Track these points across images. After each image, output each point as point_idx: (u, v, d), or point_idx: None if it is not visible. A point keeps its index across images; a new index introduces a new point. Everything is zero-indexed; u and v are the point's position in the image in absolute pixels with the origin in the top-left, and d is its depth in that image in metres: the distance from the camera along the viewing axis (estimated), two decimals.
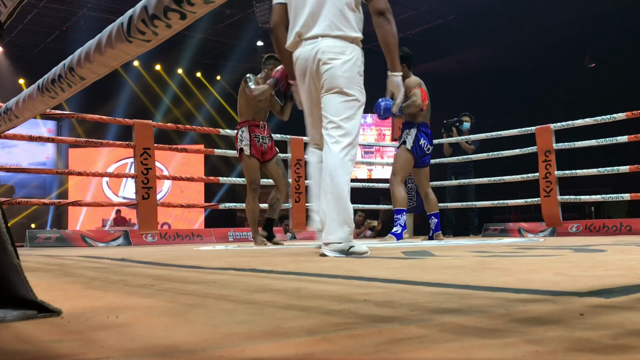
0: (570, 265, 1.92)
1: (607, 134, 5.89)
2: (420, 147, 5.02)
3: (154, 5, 0.97)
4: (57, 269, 2.22)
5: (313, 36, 2.80)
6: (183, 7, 0.93)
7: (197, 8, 0.94)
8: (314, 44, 2.80)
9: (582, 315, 0.84)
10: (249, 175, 4.76)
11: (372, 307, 1.00)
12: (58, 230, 6.83)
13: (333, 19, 2.78)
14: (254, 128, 4.77)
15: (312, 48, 2.80)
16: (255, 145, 4.73)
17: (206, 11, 0.98)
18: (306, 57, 2.83)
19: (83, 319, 0.92)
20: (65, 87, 1.36)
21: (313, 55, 2.80)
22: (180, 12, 0.95)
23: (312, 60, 2.81)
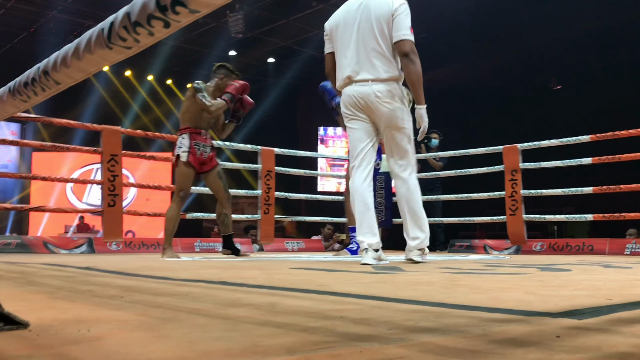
0: (538, 284, 1.94)
1: (570, 155, 6.04)
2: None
3: (137, 12, 0.96)
4: (19, 277, 2.15)
5: (365, 79, 3.26)
6: (168, 15, 0.92)
7: (182, 17, 0.92)
8: (368, 85, 3.26)
9: (559, 337, 0.85)
10: (181, 183, 4.49)
11: (349, 325, 0.99)
12: (19, 236, 6.64)
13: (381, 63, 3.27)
14: (196, 136, 4.52)
15: (367, 89, 3.26)
16: (194, 153, 4.48)
17: (191, 20, 0.97)
18: (359, 96, 3.27)
19: (52, 332, 0.89)
20: (38, 91, 1.33)
21: (369, 95, 3.25)
22: (164, 21, 0.94)
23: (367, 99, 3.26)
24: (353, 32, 3.27)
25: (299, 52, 12.66)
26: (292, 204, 12.60)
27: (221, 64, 4.77)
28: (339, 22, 3.36)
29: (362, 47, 3.24)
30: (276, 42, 12.23)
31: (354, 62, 3.25)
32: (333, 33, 3.38)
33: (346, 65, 3.28)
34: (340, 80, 3.33)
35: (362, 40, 3.24)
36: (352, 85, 3.27)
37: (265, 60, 13.38)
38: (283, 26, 11.35)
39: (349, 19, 3.32)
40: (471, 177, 6.87)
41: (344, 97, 3.33)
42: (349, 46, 3.27)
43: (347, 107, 3.31)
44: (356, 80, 3.25)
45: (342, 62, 3.30)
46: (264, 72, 13.76)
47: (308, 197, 7.47)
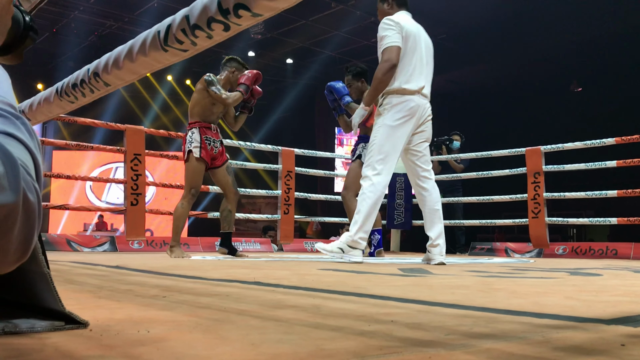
0: (575, 289, 1.92)
1: (592, 158, 5.98)
2: None
3: (197, 15, 0.96)
4: (56, 275, 2.16)
5: (427, 95, 3.68)
6: (229, 18, 0.92)
7: (244, 21, 0.93)
8: (426, 100, 3.68)
9: (624, 345, 0.84)
10: (191, 179, 4.37)
11: (404, 329, 0.99)
12: (43, 234, 6.72)
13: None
14: (206, 130, 4.44)
15: (426, 103, 3.67)
16: (206, 148, 4.40)
17: (251, 24, 0.97)
18: (423, 107, 3.63)
19: (113, 332, 0.89)
20: (87, 92, 1.34)
21: (427, 109, 3.67)
22: (225, 24, 0.94)
23: (425, 112, 3.66)
24: (422, 49, 3.62)
25: (318, 53, 12.67)
26: (308, 205, 12.61)
27: (232, 57, 4.71)
28: (414, 31, 3.60)
29: (428, 68, 3.67)
30: (295, 43, 12.25)
31: (425, 76, 3.62)
32: (409, 37, 3.56)
33: (421, 75, 3.58)
34: (413, 85, 3.55)
35: (428, 62, 3.67)
36: (419, 96, 3.58)
37: (284, 61, 13.40)
38: (302, 27, 11.36)
39: (418, 35, 3.62)
40: (490, 180, 6.83)
41: (410, 104, 3.54)
42: (422, 59, 3.60)
43: (408, 113, 3.54)
44: (423, 94, 3.61)
45: (416, 69, 3.56)
46: (282, 73, 13.79)
47: (329, 198, 7.47)
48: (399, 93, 3.54)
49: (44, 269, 0.89)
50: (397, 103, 3.53)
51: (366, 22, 10.58)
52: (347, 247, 3.48)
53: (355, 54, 12.32)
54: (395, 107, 3.53)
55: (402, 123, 3.52)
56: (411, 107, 3.54)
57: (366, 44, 11.51)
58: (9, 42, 0.92)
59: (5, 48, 0.93)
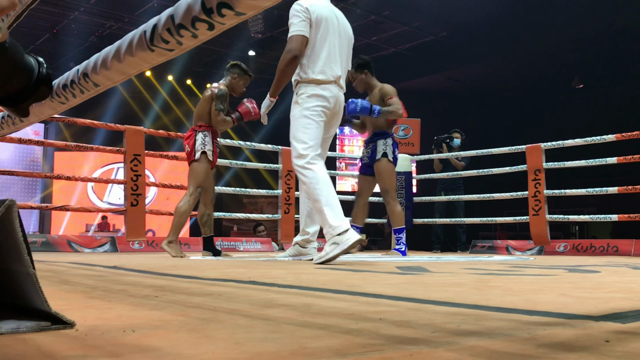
0: (570, 286, 1.92)
1: (593, 155, 5.96)
2: (396, 158, 4.86)
3: (181, 15, 0.96)
4: (52, 276, 2.18)
5: (342, 86, 3.58)
6: (213, 18, 0.92)
7: (227, 20, 0.93)
8: (341, 92, 3.59)
9: (608, 342, 0.84)
10: (202, 179, 4.53)
11: (391, 327, 0.99)
12: (44, 235, 6.73)
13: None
14: (215, 135, 4.66)
15: (341, 94, 3.59)
16: (216, 152, 4.63)
17: (235, 23, 0.97)
18: (339, 99, 3.56)
19: (99, 332, 0.89)
20: (77, 93, 1.34)
21: (341, 101, 3.61)
22: (209, 23, 0.94)
23: (340, 104, 3.60)
24: (336, 37, 3.47)
25: None
26: None
27: (235, 63, 4.80)
28: (327, 17, 3.43)
29: (343, 57, 3.55)
30: None
31: (339, 67, 3.49)
32: (319, 23, 3.40)
33: (334, 64, 3.45)
34: (327, 75, 3.42)
35: (342, 51, 3.54)
36: (335, 86, 3.48)
37: None
38: None
39: (331, 22, 3.46)
40: (491, 177, 6.82)
41: (325, 93, 3.43)
42: (335, 48, 3.45)
43: (326, 104, 3.45)
44: (339, 84, 3.52)
45: (330, 58, 3.42)
46: None
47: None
48: (314, 83, 3.41)
49: (29, 269, 0.89)
50: (313, 94, 3.41)
51: (367, 21, 10.57)
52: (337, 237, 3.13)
53: (355, 53, 12.30)
54: (312, 98, 3.41)
55: (319, 112, 3.41)
56: (327, 97, 3.44)
57: (367, 42, 11.50)
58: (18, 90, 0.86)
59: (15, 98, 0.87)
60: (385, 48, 11.81)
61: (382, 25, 10.91)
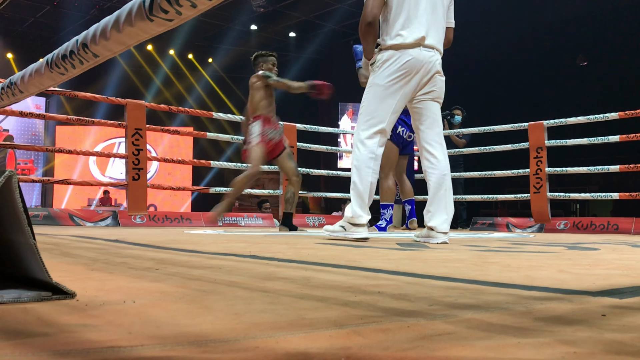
0: (569, 262, 1.93)
1: (595, 133, 5.94)
2: (399, 135, 4.93)
3: None
4: (53, 248, 2.19)
5: (432, 46, 3.14)
6: None
7: None
8: (433, 52, 3.14)
9: (604, 316, 0.85)
10: (254, 161, 4.73)
11: (389, 300, 1.00)
12: (45, 208, 6.76)
13: (442, 36, 3.23)
14: (266, 122, 4.82)
15: (432, 56, 3.14)
16: (264, 139, 4.77)
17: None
18: (425, 65, 3.12)
19: (99, 302, 0.90)
20: (76, 63, 1.33)
21: (433, 63, 3.14)
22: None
23: (430, 67, 3.14)
24: None
25: (321, 27, 12.55)
26: (312, 180, 12.61)
27: (255, 55, 5.05)
28: None
29: (432, 14, 3.12)
30: (298, 16, 12.13)
31: (425, 25, 3.08)
32: None
33: (417, 24, 3.06)
34: (406, 38, 3.06)
35: (433, 8, 3.13)
36: (419, 49, 3.08)
37: (287, 35, 13.29)
38: (305, 0, 11.24)
39: None
40: (493, 155, 6.80)
41: (403, 57, 3.06)
42: (418, 5, 3.09)
43: (405, 69, 3.07)
44: (425, 45, 3.10)
45: (410, 19, 3.07)
46: (285, 47, 13.69)
47: (330, 173, 7.46)
48: (391, 48, 3.09)
49: (29, 239, 0.90)
50: (387, 59, 3.09)
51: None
52: (349, 224, 3.14)
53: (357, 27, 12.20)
54: (386, 64, 3.09)
55: (395, 81, 3.07)
56: (406, 62, 3.07)
57: None
58: None
59: None
60: None
61: None
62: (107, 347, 0.60)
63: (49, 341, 0.62)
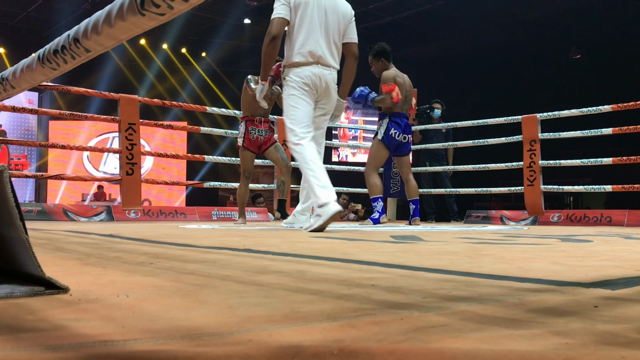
0: (562, 254, 1.94)
1: (588, 125, 5.95)
2: (391, 136, 5.09)
3: None
4: (47, 243, 2.18)
5: (328, 64, 3.63)
6: None
7: None
8: (329, 70, 3.64)
9: (597, 307, 0.85)
10: (243, 164, 5.09)
11: (383, 293, 1.00)
12: (39, 204, 6.73)
13: (337, 54, 3.71)
14: (250, 123, 5.05)
15: (329, 74, 3.64)
16: (249, 138, 5.02)
17: None
18: (322, 78, 3.61)
19: (92, 297, 0.90)
20: (68, 58, 1.32)
21: (328, 80, 3.64)
22: None
23: (327, 83, 3.64)
24: (322, 17, 3.57)
25: None
26: None
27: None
28: (308, 0, 3.55)
29: (328, 36, 3.59)
30: None
31: (323, 46, 3.57)
32: (298, 6, 3.53)
33: (315, 45, 3.54)
34: (304, 56, 3.54)
35: (328, 30, 3.59)
36: (317, 66, 3.56)
37: None
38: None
39: (314, 4, 3.56)
40: (486, 148, 6.82)
41: (305, 73, 3.54)
42: (316, 29, 3.54)
43: (305, 84, 3.55)
44: (323, 63, 3.58)
45: (310, 39, 3.53)
46: None
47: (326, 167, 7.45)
48: (294, 66, 3.57)
49: (22, 234, 0.89)
50: (293, 76, 3.57)
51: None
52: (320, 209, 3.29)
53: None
54: (293, 79, 3.57)
55: (302, 92, 3.55)
56: (306, 77, 3.56)
57: (364, 9, 11.37)
58: None
59: None
60: (382, 16, 11.68)
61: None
62: (100, 342, 0.60)
63: (41, 336, 0.62)
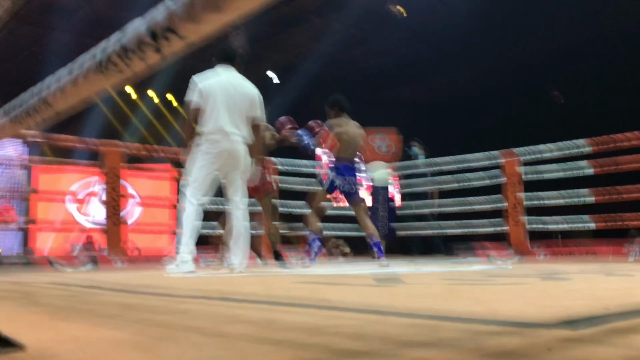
0: (538, 294, 1.95)
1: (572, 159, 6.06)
2: (333, 185, 5.28)
3: (129, 39, 0.98)
4: (23, 297, 2.16)
5: (229, 132, 4.13)
6: (159, 42, 0.94)
7: (173, 45, 0.94)
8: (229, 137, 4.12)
9: (550, 349, 0.86)
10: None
11: (344, 341, 1.00)
12: (24, 256, 6.67)
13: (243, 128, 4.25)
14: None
15: (229, 141, 4.12)
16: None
17: (183, 49, 0.98)
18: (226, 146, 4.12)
19: (48, 355, 0.90)
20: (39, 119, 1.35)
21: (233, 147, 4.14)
22: (156, 48, 0.96)
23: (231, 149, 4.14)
24: (225, 98, 4.14)
25: (300, 67, 12.71)
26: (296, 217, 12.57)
27: None
28: (212, 87, 4.15)
29: (237, 113, 4.17)
30: (276, 58, 12.30)
31: (229, 122, 4.13)
32: (205, 92, 4.13)
33: (219, 118, 4.10)
34: (211, 129, 4.10)
35: (236, 109, 4.16)
36: (222, 135, 4.09)
37: (266, 75, 13.43)
38: (283, 41, 11.41)
39: (219, 89, 4.15)
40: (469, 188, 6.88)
41: (211, 143, 4.09)
42: (221, 106, 4.12)
43: (211, 151, 4.09)
44: (227, 133, 4.11)
45: (214, 116, 4.10)
46: (265, 87, 13.80)
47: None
48: (202, 135, 4.15)
49: None
50: (199, 143, 4.14)
51: (346, 34, 10.66)
52: (181, 262, 3.96)
53: (339, 67, 12.40)
54: (199, 146, 4.14)
55: (206, 159, 4.10)
56: (211, 146, 4.09)
57: (347, 56, 11.60)
58: None
59: None
60: (365, 61, 11.90)
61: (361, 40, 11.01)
62: None
63: None
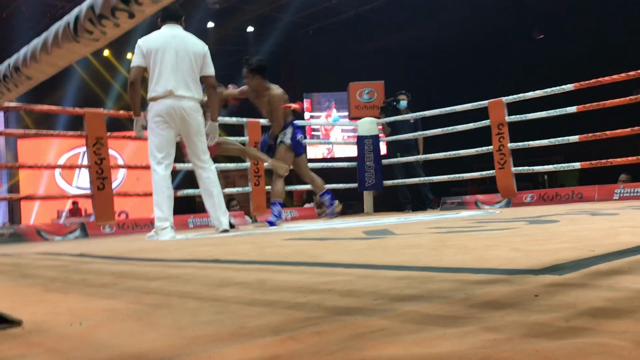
0: (525, 239, 1.98)
1: (557, 105, 6.05)
2: (298, 141, 5.27)
3: (101, 5, 0.95)
4: (13, 270, 2.16)
5: (182, 95, 4.08)
6: (131, 6, 0.91)
7: (145, 7, 0.92)
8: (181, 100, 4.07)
9: (537, 296, 0.88)
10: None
11: (336, 298, 1.02)
12: (11, 226, 6.64)
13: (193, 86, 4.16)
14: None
15: (181, 103, 4.07)
16: None
17: (155, 10, 0.96)
18: (176, 108, 4.06)
19: (45, 328, 0.90)
20: (11, 87, 1.32)
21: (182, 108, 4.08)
22: (129, 12, 0.93)
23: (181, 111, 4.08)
24: (172, 57, 4.07)
25: (279, 19, 12.49)
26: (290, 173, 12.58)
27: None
28: (158, 46, 4.08)
29: (183, 71, 4.09)
30: (255, 10, 12.06)
31: (174, 82, 4.04)
32: (150, 53, 4.07)
33: (166, 81, 4.03)
34: (159, 92, 4.03)
35: (181, 67, 4.09)
36: (170, 98, 4.03)
37: (245, 30, 13.19)
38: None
39: (164, 48, 4.08)
40: (458, 134, 6.89)
41: (161, 106, 4.03)
42: (167, 67, 4.04)
43: (162, 114, 4.04)
44: (175, 95, 4.04)
45: (161, 78, 4.03)
46: (244, 42, 13.59)
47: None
48: (151, 100, 4.09)
49: None
50: (150, 108, 4.10)
51: None
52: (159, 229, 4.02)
53: (316, 17, 12.19)
54: (150, 112, 4.09)
55: (158, 123, 4.06)
56: (161, 109, 4.03)
57: (327, 5, 11.39)
58: None
59: None
60: (346, 10, 11.71)
61: None
62: None
63: None
